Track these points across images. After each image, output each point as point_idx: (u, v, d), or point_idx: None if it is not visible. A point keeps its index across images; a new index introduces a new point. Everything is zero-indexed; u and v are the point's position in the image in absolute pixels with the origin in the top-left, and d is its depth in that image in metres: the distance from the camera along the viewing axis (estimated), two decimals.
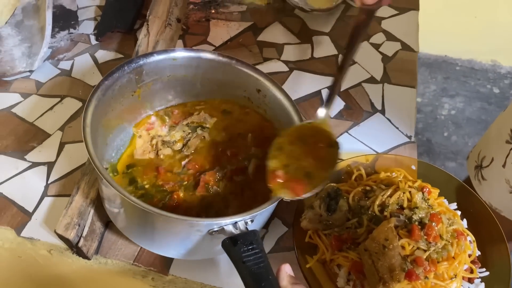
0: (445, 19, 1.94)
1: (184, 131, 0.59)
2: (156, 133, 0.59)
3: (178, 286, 0.53)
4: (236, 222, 0.44)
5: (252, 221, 0.45)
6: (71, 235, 0.51)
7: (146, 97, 0.59)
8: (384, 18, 0.83)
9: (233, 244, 0.42)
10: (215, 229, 0.44)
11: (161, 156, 0.57)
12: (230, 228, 0.44)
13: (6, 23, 0.80)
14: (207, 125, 0.60)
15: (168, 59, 0.58)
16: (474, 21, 1.87)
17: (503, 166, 0.67)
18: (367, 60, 0.76)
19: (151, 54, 0.57)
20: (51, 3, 0.77)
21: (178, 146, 0.58)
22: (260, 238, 0.43)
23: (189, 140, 0.59)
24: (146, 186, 0.54)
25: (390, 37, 0.80)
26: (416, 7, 0.86)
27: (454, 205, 0.54)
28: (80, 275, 0.58)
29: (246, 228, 0.44)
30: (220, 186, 0.54)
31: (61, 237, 0.52)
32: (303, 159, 0.47)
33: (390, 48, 0.78)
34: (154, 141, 0.58)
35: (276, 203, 0.46)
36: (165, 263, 0.52)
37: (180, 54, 0.58)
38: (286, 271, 0.39)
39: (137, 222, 0.50)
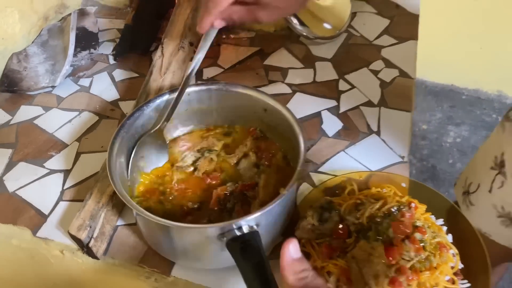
0: (452, 50, 1.99)
1: (195, 156, 0.64)
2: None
3: None
4: (240, 227, 0.48)
5: (257, 225, 0.49)
6: (82, 235, 0.56)
7: (170, 131, 0.65)
8: (384, 47, 0.88)
9: (234, 244, 0.47)
10: (221, 233, 0.48)
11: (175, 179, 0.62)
12: (235, 232, 0.48)
13: (32, 42, 0.87)
14: (215, 148, 0.65)
15: (183, 95, 0.63)
16: (479, 52, 1.92)
17: (489, 191, 0.71)
18: (366, 86, 0.80)
19: (166, 93, 0.62)
20: (75, 25, 0.84)
21: (191, 169, 0.63)
22: (259, 238, 0.47)
23: (198, 165, 0.63)
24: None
25: (388, 64, 0.85)
26: (415, 37, 0.91)
27: (440, 221, 0.57)
28: (89, 275, 0.62)
29: (250, 231, 0.48)
30: (230, 200, 0.59)
31: (73, 237, 0.56)
32: None
33: (388, 74, 0.82)
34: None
35: (275, 206, 0.50)
36: (167, 265, 0.56)
37: (192, 89, 0.63)
38: (290, 249, 0.38)
39: (159, 235, 0.55)
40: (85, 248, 0.56)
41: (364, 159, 0.68)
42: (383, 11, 0.97)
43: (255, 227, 0.49)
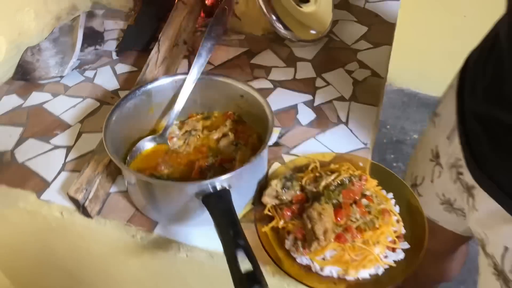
0: (445, 65, 2.08)
1: (183, 139, 0.73)
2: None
3: (161, 245, 0.65)
4: (215, 186, 0.57)
5: (229, 186, 0.57)
6: (79, 196, 0.65)
7: (160, 113, 0.74)
8: (360, 51, 0.98)
9: (209, 198, 0.56)
10: (198, 191, 0.57)
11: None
12: (209, 189, 0.57)
13: (45, 38, 0.98)
14: (198, 128, 0.74)
15: (171, 82, 0.73)
16: None
17: (432, 181, 0.79)
18: (340, 83, 0.89)
19: (156, 79, 0.72)
20: (83, 25, 0.95)
21: (182, 147, 0.72)
22: (229, 194, 0.56)
23: (188, 141, 0.73)
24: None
25: (362, 65, 0.94)
26: (389, 43, 1.00)
27: (390, 195, 0.66)
28: (85, 236, 0.71)
29: (222, 189, 0.57)
30: (211, 171, 0.67)
31: (71, 198, 0.65)
32: None
33: (361, 74, 0.91)
34: None
35: (245, 169, 0.58)
36: (151, 225, 0.65)
37: (179, 77, 0.73)
38: None
39: (145, 194, 0.64)
40: (81, 208, 0.65)
41: (331, 144, 0.77)
42: (363, 19, 1.07)
43: (227, 187, 0.57)
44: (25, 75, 0.91)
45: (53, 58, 0.94)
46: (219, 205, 0.54)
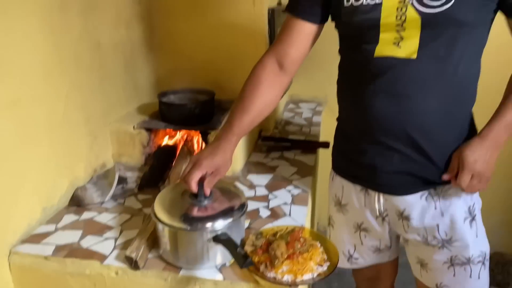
0: None
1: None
2: None
3: (184, 282, 1.05)
4: (217, 231, 1.03)
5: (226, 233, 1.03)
6: (133, 255, 1.06)
7: None
8: (294, 180, 1.54)
9: (216, 236, 1.01)
10: (209, 236, 1.02)
11: None
12: (214, 233, 1.02)
13: (88, 182, 1.47)
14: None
15: None
16: None
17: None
18: (283, 197, 1.42)
19: None
20: (117, 175, 1.46)
21: None
22: (227, 234, 1.01)
23: None
24: None
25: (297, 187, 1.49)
26: (312, 175, 1.59)
27: (318, 243, 1.13)
28: (133, 285, 1.09)
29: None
30: None
31: (127, 257, 1.07)
32: None
33: (296, 192, 1.46)
34: None
35: (231, 223, 1.05)
36: (177, 270, 1.06)
37: None
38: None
39: (172, 245, 1.07)
40: (134, 263, 1.06)
41: None
42: (293, 164, 1.67)
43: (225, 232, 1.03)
44: (77, 203, 1.37)
45: (95, 193, 1.41)
46: (222, 236, 1.00)
